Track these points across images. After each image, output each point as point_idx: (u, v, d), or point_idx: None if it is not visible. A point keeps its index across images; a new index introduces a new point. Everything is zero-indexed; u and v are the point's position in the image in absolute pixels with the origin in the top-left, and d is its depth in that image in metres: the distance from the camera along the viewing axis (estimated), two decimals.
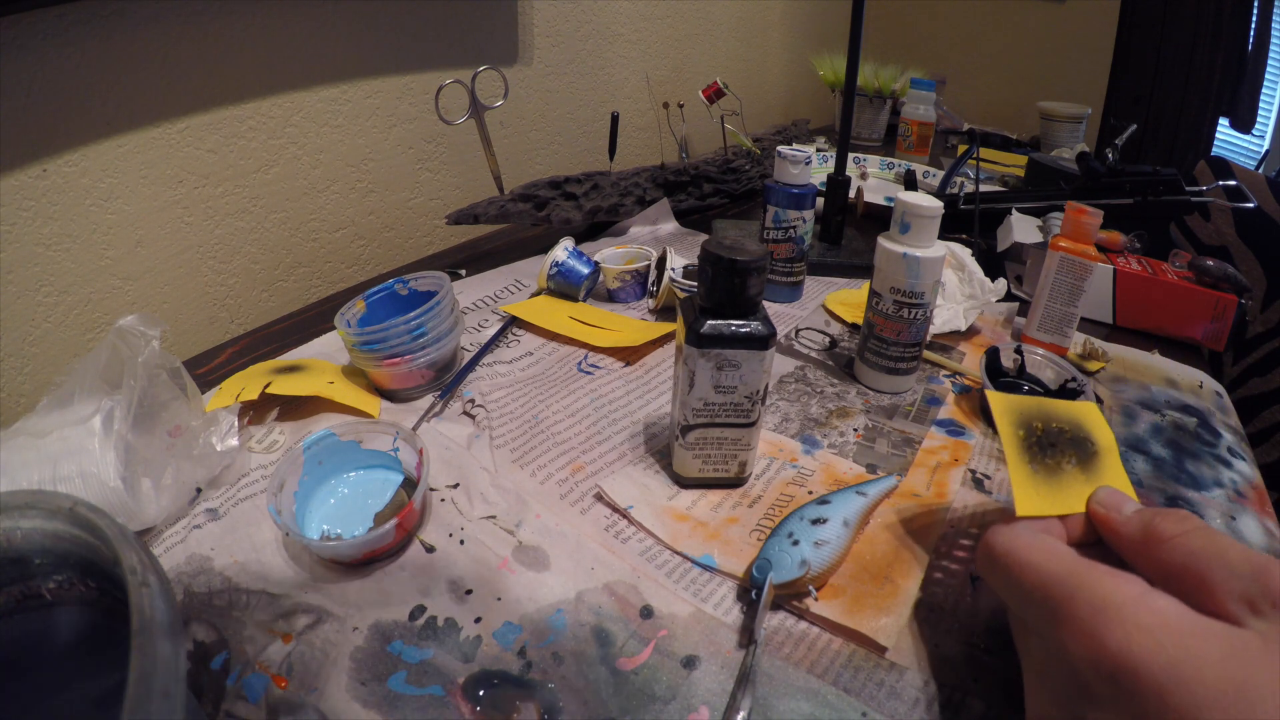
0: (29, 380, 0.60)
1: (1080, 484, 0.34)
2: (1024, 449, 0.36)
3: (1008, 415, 0.38)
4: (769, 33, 1.45)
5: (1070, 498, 0.34)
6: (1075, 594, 0.27)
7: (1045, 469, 0.35)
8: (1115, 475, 0.36)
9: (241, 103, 0.68)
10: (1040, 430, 0.37)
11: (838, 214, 0.79)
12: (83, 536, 0.26)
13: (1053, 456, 0.36)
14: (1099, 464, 0.36)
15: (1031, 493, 0.34)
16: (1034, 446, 0.36)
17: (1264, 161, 1.78)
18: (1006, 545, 0.31)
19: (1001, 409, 0.38)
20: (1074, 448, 0.37)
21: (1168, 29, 1.43)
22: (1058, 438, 0.37)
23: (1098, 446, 0.37)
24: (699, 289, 0.40)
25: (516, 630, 0.35)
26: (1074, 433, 0.38)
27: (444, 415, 0.51)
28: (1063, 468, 0.35)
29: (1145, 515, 0.30)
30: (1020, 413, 0.38)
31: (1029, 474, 0.35)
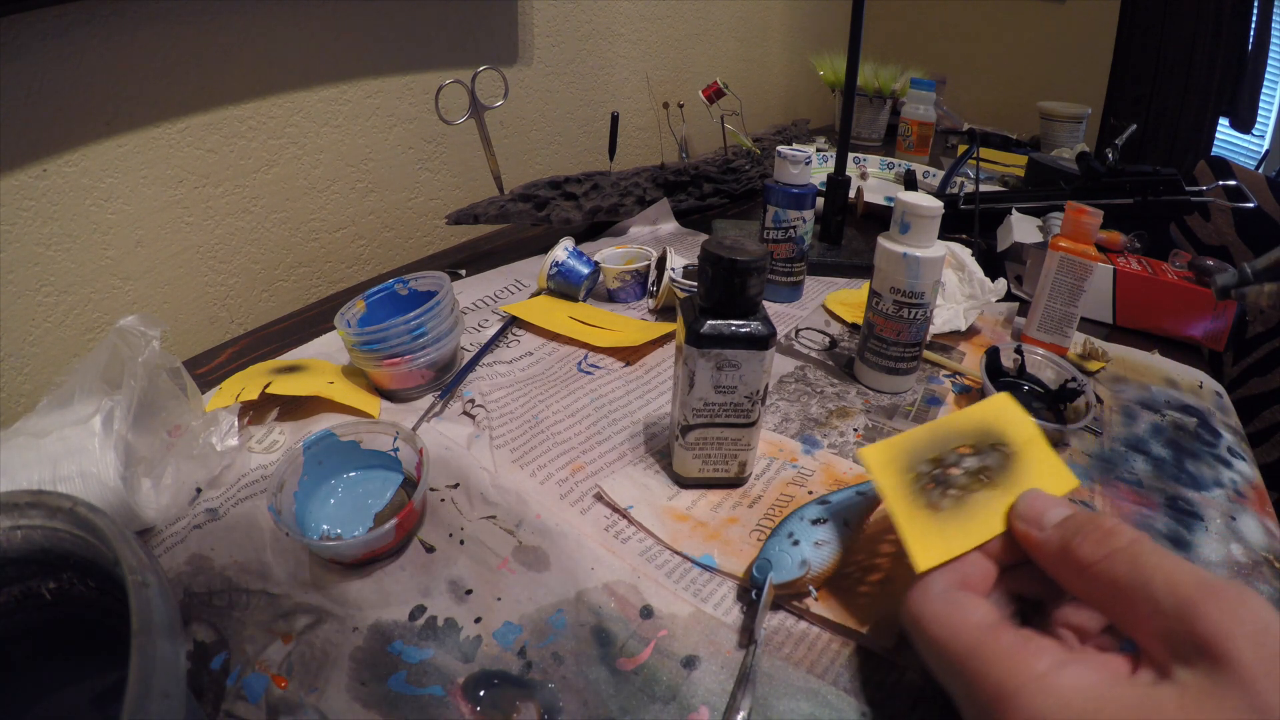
0: (29, 380, 0.60)
1: (997, 501, 0.31)
2: (915, 494, 0.33)
3: (888, 467, 0.34)
4: (769, 33, 1.45)
5: (980, 525, 0.31)
6: (976, 678, 0.25)
7: (949, 503, 0.32)
8: (1040, 469, 0.33)
9: (241, 102, 0.68)
10: (935, 462, 0.34)
11: (838, 214, 0.79)
12: (83, 536, 0.26)
13: (957, 485, 0.33)
14: (1018, 466, 0.33)
15: (928, 541, 0.30)
16: (928, 486, 0.33)
17: (1264, 161, 1.78)
18: (916, 614, 0.29)
19: (876, 462, 0.35)
20: (982, 463, 0.34)
21: (1168, 29, 1.43)
22: (958, 463, 0.34)
23: (1012, 447, 0.34)
24: (699, 289, 0.40)
25: (516, 630, 0.35)
26: (980, 444, 0.34)
27: (444, 415, 0.51)
28: (969, 493, 0.32)
29: (1066, 530, 0.28)
30: (905, 456, 0.35)
31: (923, 520, 0.31)
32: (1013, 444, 0.34)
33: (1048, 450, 0.34)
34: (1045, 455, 0.34)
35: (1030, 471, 0.33)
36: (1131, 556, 0.25)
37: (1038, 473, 0.33)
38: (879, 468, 0.34)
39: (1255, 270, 0.54)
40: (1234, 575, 0.41)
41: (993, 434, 0.35)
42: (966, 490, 0.32)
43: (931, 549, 0.30)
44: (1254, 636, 0.22)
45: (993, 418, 0.36)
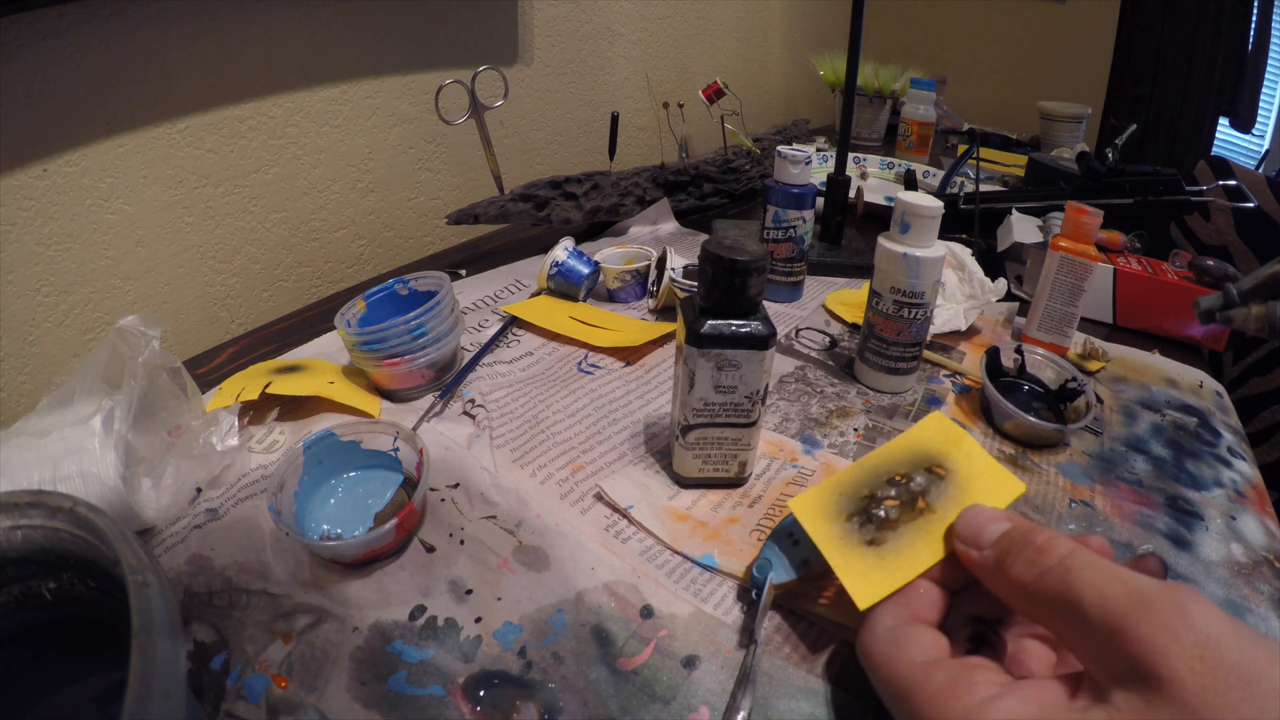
0: (29, 380, 0.60)
1: (936, 525, 0.31)
2: (850, 534, 0.32)
3: (818, 513, 0.34)
4: (769, 33, 1.45)
5: (922, 552, 0.30)
6: (914, 713, 0.25)
7: (887, 536, 0.32)
8: (983, 482, 0.33)
9: (242, 102, 0.68)
10: (869, 498, 0.34)
11: (838, 214, 0.79)
12: (83, 536, 0.26)
13: (893, 517, 0.32)
14: (957, 484, 0.33)
15: (868, 579, 0.30)
16: (864, 524, 0.33)
17: (1264, 161, 1.78)
18: (863, 652, 0.29)
19: (806, 511, 0.34)
20: (917, 489, 0.33)
21: (1168, 29, 1.43)
22: (892, 493, 0.33)
23: (948, 465, 0.34)
24: (699, 289, 0.40)
25: (517, 630, 0.35)
26: (913, 470, 0.34)
27: (444, 415, 0.51)
28: (906, 523, 0.32)
29: (1001, 548, 0.27)
30: (836, 499, 0.34)
31: (861, 559, 0.31)
32: (949, 462, 0.34)
33: (988, 460, 0.34)
34: (986, 466, 0.33)
35: (972, 486, 0.32)
36: (1062, 574, 0.25)
37: (980, 486, 0.32)
38: (809, 517, 0.34)
39: (1241, 291, 0.51)
40: (1234, 575, 0.41)
41: (927, 456, 0.34)
42: (903, 520, 0.32)
43: (871, 586, 0.30)
44: (1192, 651, 0.21)
45: (926, 439, 0.35)
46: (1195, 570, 0.41)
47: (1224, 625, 0.22)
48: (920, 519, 0.32)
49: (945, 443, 0.35)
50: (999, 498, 0.32)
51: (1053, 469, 0.49)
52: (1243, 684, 0.20)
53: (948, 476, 0.33)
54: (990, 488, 0.32)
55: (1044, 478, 0.48)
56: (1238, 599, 0.39)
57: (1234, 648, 0.21)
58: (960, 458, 0.34)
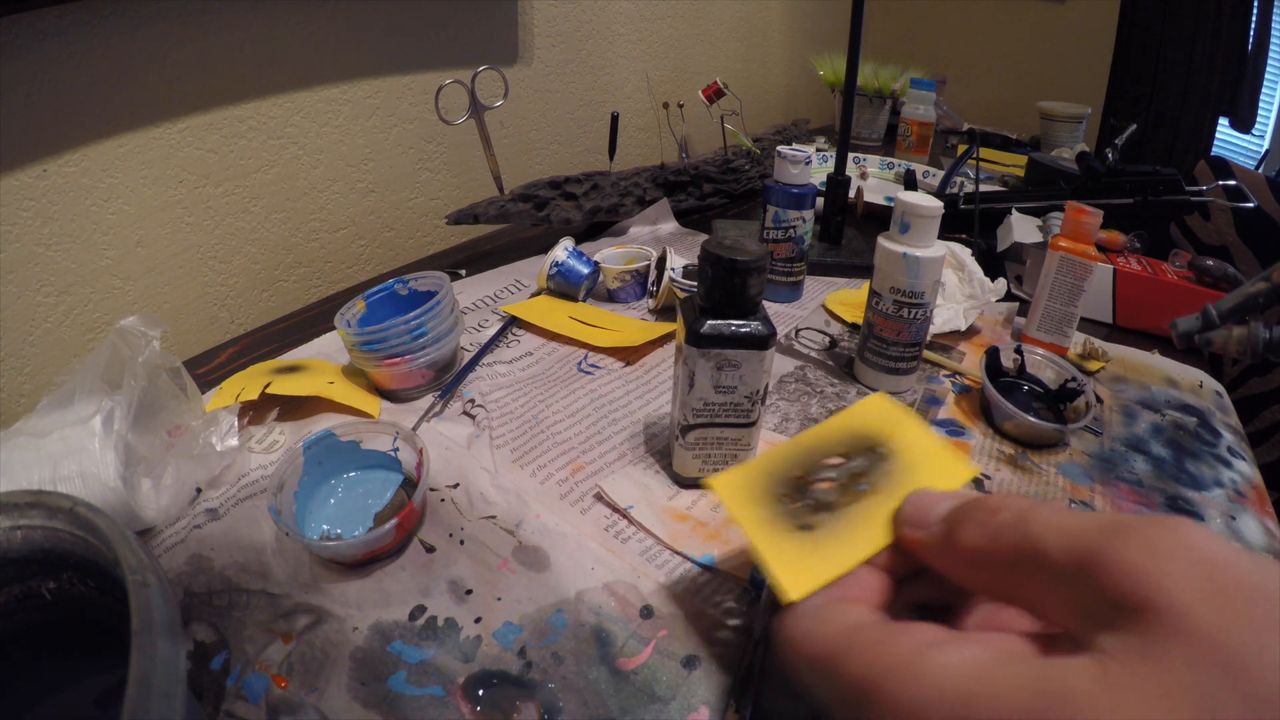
0: (29, 380, 0.60)
1: (879, 509, 0.27)
2: (780, 518, 0.28)
3: (742, 494, 0.30)
4: (769, 33, 1.45)
5: (862, 538, 0.27)
6: (839, 679, 0.21)
7: (823, 521, 0.28)
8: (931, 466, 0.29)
9: (242, 103, 0.68)
10: (800, 478, 0.30)
11: (838, 214, 0.79)
12: (83, 536, 0.26)
13: (830, 499, 0.29)
14: (902, 467, 0.29)
15: (800, 567, 0.26)
16: (796, 507, 0.29)
17: (1264, 161, 1.78)
18: (783, 636, 0.24)
19: (728, 490, 0.30)
20: (858, 470, 0.29)
21: (1168, 29, 1.43)
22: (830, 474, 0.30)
23: (892, 447, 0.30)
24: (699, 289, 0.40)
25: (517, 630, 0.35)
26: (853, 451, 0.31)
27: (444, 415, 0.51)
28: (846, 506, 0.28)
29: (950, 520, 0.23)
30: (764, 478, 0.30)
31: (793, 545, 0.27)
32: (893, 444, 0.30)
33: (935, 443, 0.30)
34: (934, 449, 0.30)
35: (918, 470, 0.29)
36: (1019, 525, 0.21)
37: (927, 470, 0.29)
38: (732, 496, 0.30)
39: (1221, 312, 0.48)
40: None
41: (868, 438, 0.31)
42: (842, 503, 0.28)
43: (803, 575, 0.26)
44: (1194, 572, 0.17)
45: (866, 420, 0.32)
46: None
47: (1228, 546, 0.17)
48: (861, 502, 0.28)
49: (888, 423, 0.31)
50: (949, 480, 0.29)
51: (1052, 469, 0.49)
52: (1266, 606, 0.16)
53: (891, 458, 0.30)
54: (938, 471, 0.29)
55: (1044, 478, 0.48)
56: None
57: (1247, 568, 0.17)
58: (905, 440, 0.30)
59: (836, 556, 0.26)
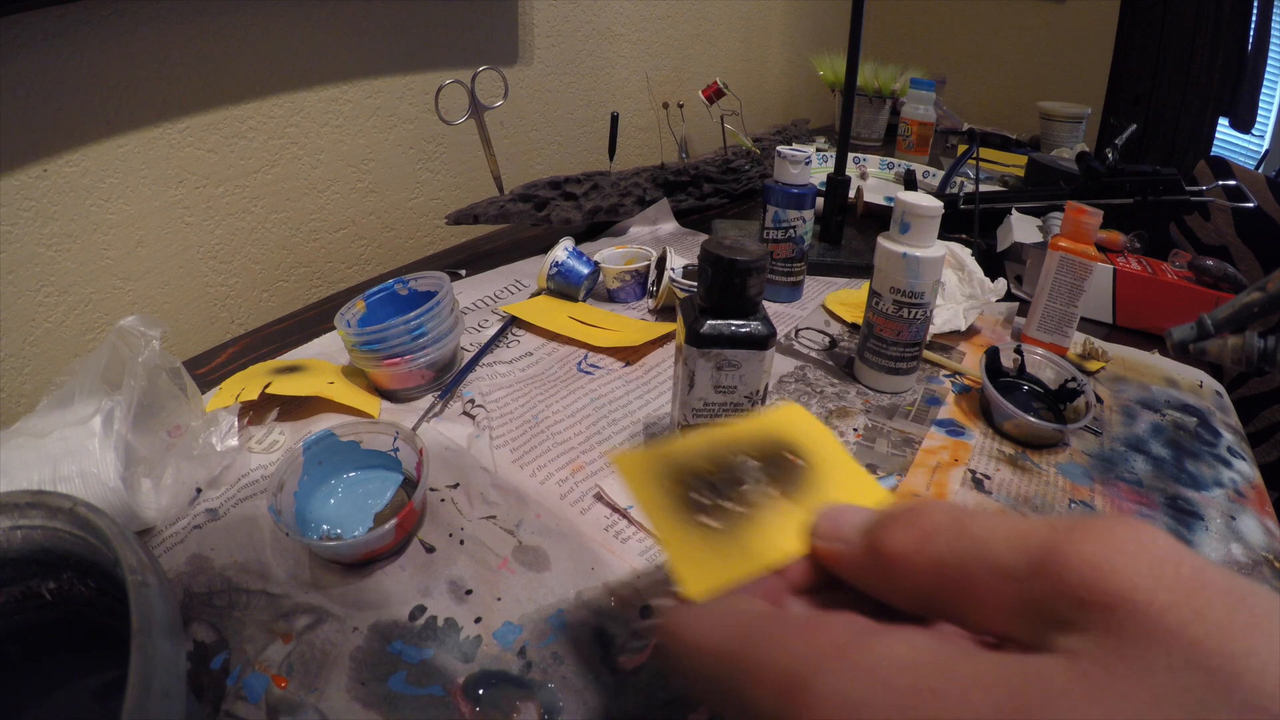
0: (29, 380, 0.60)
1: (791, 516, 0.25)
2: (686, 507, 0.26)
3: (647, 475, 0.27)
4: (769, 33, 1.45)
5: (772, 543, 0.24)
6: (755, 672, 0.17)
7: (732, 519, 0.25)
8: (843, 483, 0.27)
9: (242, 103, 0.68)
10: (713, 472, 0.27)
11: (838, 214, 0.79)
12: (83, 536, 0.26)
13: (741, 497, 0.26)
14: (815, 479, 0.27)
15: (703, 564, 0.23)
16: (704, 499, 0.26)
17: (1264, 161, 1.78)
18: (670, 631, 0.21)
19: (632, 470, 0.27)
20: (772, 472, 0.27)
21: (1168, 29, 1.43)
22: (743, 472, 0.28)
23: (806, 458, 0.28)
24: (699, 289, 0.40)
25: (516, 630, 0.35)
26: (766, 453, 0.29)
27: (444, 415, 0.51)
28: (757, 508, 0.26)
29: (871, 533, 0.21)
30: (672, 463, 0.28)
31: (697, 538, 0.24)
32: (807, 454, 0.29)
33: (850, 461, 0.29)
34: (848, 466, 0.28)
35: (831, 483, 0.27)
36: (953, 528, 0.18)
37: (839, 485, 0.27)
38: (635, 477, 0.27)
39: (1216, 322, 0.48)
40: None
41: (782, 444, 0.29)
42: (752, 505, 0.26)
43: (706, 573, 0.23)
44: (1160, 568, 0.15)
45: (782, 427, 0.30)
46: None
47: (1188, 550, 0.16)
48: (771, 508, 0.26)
49: (805, 435, 0.30)
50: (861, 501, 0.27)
51: (1052, 469, 0.49)
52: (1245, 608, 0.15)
53: (805, 468, 0.28)
54: (850, 489, 0.27)
55: (1044, 478, 0.48)
56: None
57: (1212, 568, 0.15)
58: (821, 453, 0.29)
59: (741, 560, 0.24)
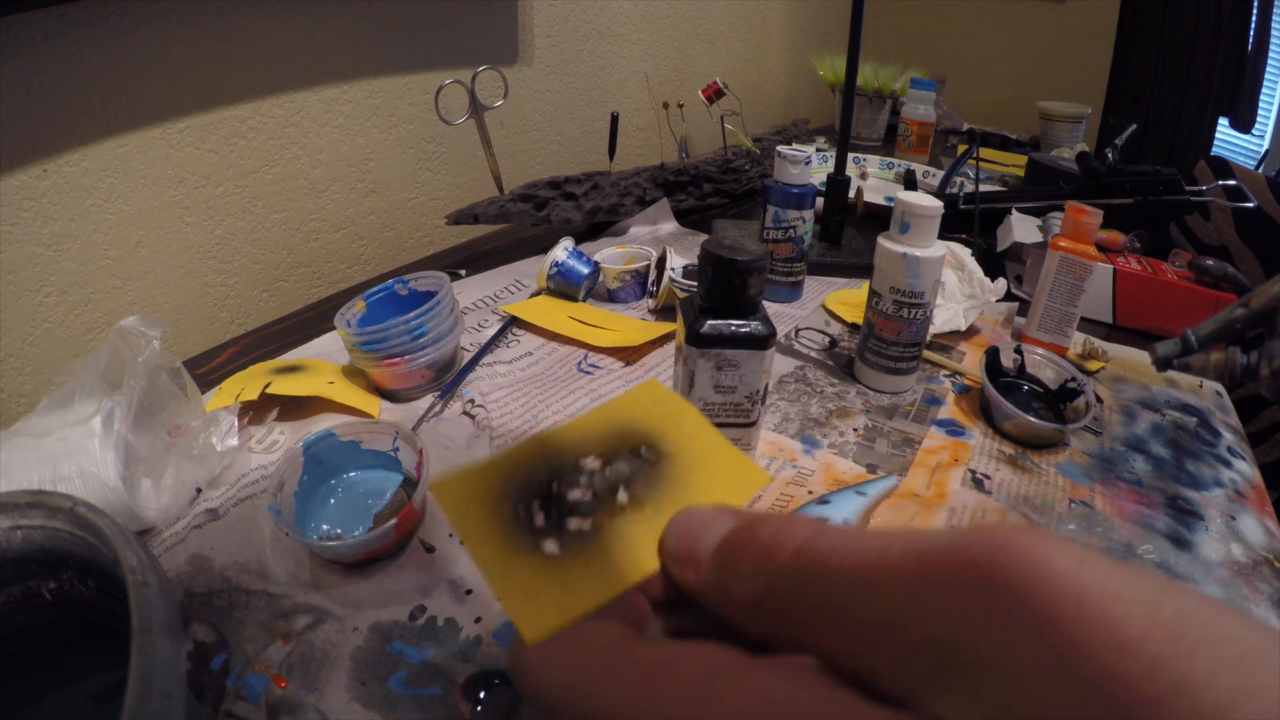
0: (29, 380, 0.60)
1: (644, 526, 0.22)
2: (517, 534, 0.22)
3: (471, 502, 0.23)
4: (769, 33, 1.45)
5: (622, 565, 0.21)
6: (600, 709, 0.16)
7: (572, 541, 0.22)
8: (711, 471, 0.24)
9: (242, 103, 0.68)
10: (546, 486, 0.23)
11: (838, 214, 0.79)
12: (83, 536, 0.26)
13: (581, 514, 0.22)
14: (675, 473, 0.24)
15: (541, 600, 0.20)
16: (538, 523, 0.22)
17: (1264, 161, 1.78)
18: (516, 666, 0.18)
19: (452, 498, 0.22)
20: (619, 476, 0.24)
21: (1168, 29, 1.43)
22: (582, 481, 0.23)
23: (664, 447, 0.24)
24: (699, 289, 0.40)
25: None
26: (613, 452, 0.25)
27: (444, 415, 0.51)
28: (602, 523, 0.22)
29: (721, 559, 0.18)
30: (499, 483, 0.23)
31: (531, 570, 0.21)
32: (666, 443, 0.25)
33: (719, 443, 0.25)
34: (718, 450, 0.24)
35: (695, 476, 0.24)
36: (801, 569, 0.16)
37: (708, 478, 0.24)
38: (456, 505, 0.23)
39: (1200, 338, 0.49)
40: (1234, 575, 0.41)
41: (635, 434, 0.25)
42: (598, 519, 0.22)
43: (545, 610, 0.20)
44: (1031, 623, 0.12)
45: (636, 412, 0.26)
46: (1195, 570, 0.41)
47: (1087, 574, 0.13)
48: (620, 519, 0.22)
49: (662, 419, 0.26)
50: (734, 491, 0.24)
51: (1052, 469, 0.49)
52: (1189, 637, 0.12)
53: (662, 461, 0.24)
54: (723, 480, 0.24)
55: (1044, 478, 0.48)
56: (1237, 599, 0.39)
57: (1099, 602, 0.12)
58: (681, 438, 0.25)
59: (587, 588, 0.21)
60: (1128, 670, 0.12)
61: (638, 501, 0.23)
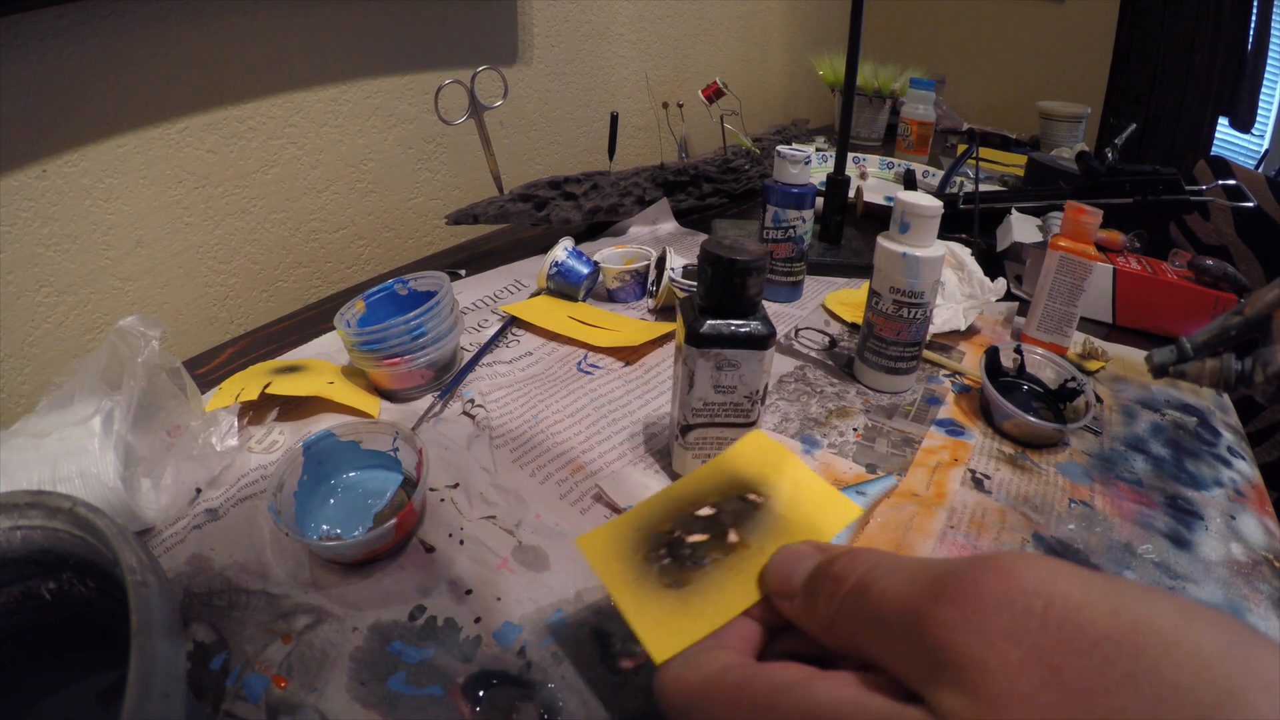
0: (29, 381, 0.60)
1: (750, 562, 0.27)
2: (647, 576, 0.28)
3: (609, 553, 0.29)
4: (768, 32, 1.45)
5: (732, 595, 0.26)
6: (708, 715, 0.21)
7: (692, 578, 0.27)
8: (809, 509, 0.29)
9: (241, 103, 0.68)
10: (669, 533, 0.29)
11: (837, 214, 0.79)
12: (82, 537, 0.26)
13: (699, 554, 0.28)
14: (776, 514, 0.29)
15: (667, 627, 0.25)
16: (665, 564, 0.28)
17: (1264, 161, 1.78)
18: (659, 682, 0.24)
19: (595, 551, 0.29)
20: (728, 522, 0.29)
21: (1168, 29, 1.43)
22: (698, 527, 0.29)
23: (766, 492, 0.30)
24: (698, 289, 0.40)
25: (516, 630, 0.35)
26: (724, 500, 0.30)
27: (443, 415, 0.51)
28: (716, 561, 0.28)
29: (807, 589, 0.23)
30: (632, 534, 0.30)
31: (659, 604, 0.26)
32: (767, 488, 0.30)
33: (816, 483, 0.30)
34: (813, 488, 0.30)
35: (795, 515, 0.29)
36: (859, 592, 0.21)
37: (805, 514, 0.29)
38: (599, 557, 0.29)
39: (1195, 345, 0.48)
40: (1234, 575, 0.41)
41: (742, 483, 0.31)
42: (713, 558, 0.28)
43: (670, 635, 0.25)
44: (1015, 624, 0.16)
45: (743, 463, 0.32)
46: (1195, 569, 0.41)
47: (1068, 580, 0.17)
48: (732, 556, 0.27)
49: (765, 465, 0.31)
50: (828, 525, 0.29)
51: (1052, 469, 0.49)
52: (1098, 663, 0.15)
53: (764, 504, 0.30)
54: (818, 515, 0.29)
55: (1043, 478, 0.48)
56: (1237, 599, 0.39)
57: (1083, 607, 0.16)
58: (783, 482, 0.30)
59: (704, 615, 0.26)
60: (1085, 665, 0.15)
61: (745, 541, 0.28)
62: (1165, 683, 0.14)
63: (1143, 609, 0.16)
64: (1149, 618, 0.16)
